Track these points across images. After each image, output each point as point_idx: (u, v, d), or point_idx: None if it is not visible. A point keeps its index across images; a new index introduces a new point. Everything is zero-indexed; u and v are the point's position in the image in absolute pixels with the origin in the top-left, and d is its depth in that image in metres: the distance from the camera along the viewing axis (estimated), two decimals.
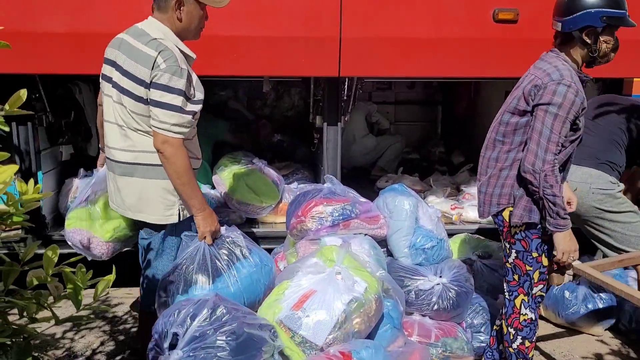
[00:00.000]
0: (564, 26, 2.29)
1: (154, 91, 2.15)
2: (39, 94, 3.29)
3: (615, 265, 2.54)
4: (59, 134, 3.52)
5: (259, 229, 3.57)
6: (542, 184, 2.19)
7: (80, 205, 2.73)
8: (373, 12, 3.05)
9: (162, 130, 2.15)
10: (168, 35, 2.23)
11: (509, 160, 2.36)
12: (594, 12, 2.24)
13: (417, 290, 2.78)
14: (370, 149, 5.12)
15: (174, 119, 2.15)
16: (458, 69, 3.23)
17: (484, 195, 2.45)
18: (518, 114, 2.31)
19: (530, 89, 2.26)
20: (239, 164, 3.61)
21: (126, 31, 2.32)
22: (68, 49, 2.94)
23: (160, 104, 2.14)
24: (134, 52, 2.19)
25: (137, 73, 2.17)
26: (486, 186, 2.43)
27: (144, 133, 2.25)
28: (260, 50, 3.05)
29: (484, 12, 3.09)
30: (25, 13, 2.87)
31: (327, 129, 3.42)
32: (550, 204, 2.20)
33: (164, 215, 2.33)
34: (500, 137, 2.38)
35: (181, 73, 2.15)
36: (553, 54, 2.35)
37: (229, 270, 2.34)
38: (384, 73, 3.35)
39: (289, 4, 3.00)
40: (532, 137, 2.24)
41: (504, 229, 2.42)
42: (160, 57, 2.14)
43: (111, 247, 2.74)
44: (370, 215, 2.96)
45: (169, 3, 2.23)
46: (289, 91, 4.99)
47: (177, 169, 2.19)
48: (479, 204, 2.50)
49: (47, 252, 1.39)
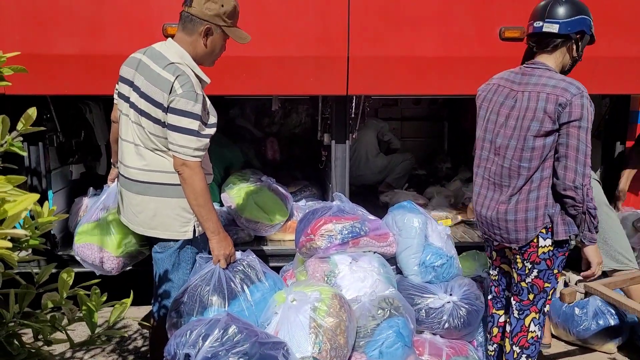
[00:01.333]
0: (561, 28, 2.27)
1: (171, 116, 2.19)
2: (50, 114, 3.34)
3: (627, 283, 2.52)
4: (70, 154, 3.56)
5: (267, 246, 3.58)
6: (585, 198, 2.18)
7: (91, 220, 2.76)
8: (380, 31, 3.08)
9: (179, 154, 2.20)
10: (185, 58, 2.28)
11: (537, 181, 2.29)
12: (586, 18, 2.30)
13: (427, 308, 2.77)
14: (381, 169, 5.11)
15: (191, 142, 2.19)
16: (465, 87, 3.24)
17: (514, 223, 2.34)
18: (543, 135, 2.23)
19: (555, 108, 2.18)
20: (248, 182, 3.62)
21: (143, 51, 2.36)
22: (80, 70, 2.98)
23: (177, 129, 2.19)
24: (153, 75, 2.24)
25: (154, 96, 2.22)
26: (514, 213, 2.33)
27: (160, 153, 2.30)
28: (270, 69, 3.09)
29: (490, 31, 3.12)
30: (39, 36, 2.92)
31: (335, 146, 3.44)
32: (592, 218, 2.20)
33: (179, 232, 2.36)
34: (526, 163, 2.28)
35: (197, 98, 2.19)
36: (543, 68, 2.30)
37: (243, 293, 2.35)
38: (392, 91, 3.36)
39: (297, 24, 3.04)
40: (567, 154, 2.19)
41: (530, 249, 2.35)
42: (177, 82, 2.18)
43: (121, 262, 2.76)
44: (380, 233, 2.96)
45: (197, 27, 2.27)
46: (297, 109, 5.02)
47: (194, 190, 2.22)
48: (508, 232, 2.38)
49: (62, 275, 1.40)
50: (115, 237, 2.71)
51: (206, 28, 2.27)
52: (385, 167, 5.11)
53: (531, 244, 2.34)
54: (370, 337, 2.44)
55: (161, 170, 2.30)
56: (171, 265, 2.40)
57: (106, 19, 2.93)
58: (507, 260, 2.58)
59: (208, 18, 2.26)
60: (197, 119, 2.19)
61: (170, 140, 2.22)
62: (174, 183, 2.30)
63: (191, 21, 2.28)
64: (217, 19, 2.27)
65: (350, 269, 2.76)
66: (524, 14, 3.08)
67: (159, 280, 2.46)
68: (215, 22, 2.27)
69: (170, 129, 2.21)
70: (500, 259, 2.60)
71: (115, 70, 2.46)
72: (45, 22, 2.91)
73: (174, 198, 2.32)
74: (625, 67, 3.22)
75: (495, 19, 3.10)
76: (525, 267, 2.38)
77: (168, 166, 2.29)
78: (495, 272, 2.65)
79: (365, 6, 3.04)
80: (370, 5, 3.05)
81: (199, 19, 2.26)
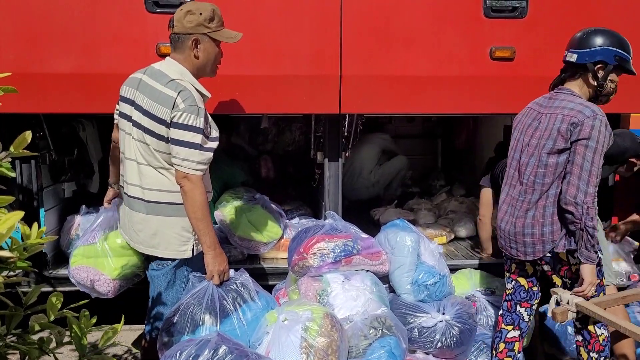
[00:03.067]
0: (579, 58, 2.42)
1: (174, 130, 2.23)
2: (43, 132, 3.33)
3: (619, 302, 2.51)
4: (62, 172, 3.55)
5: (260, 265, 3.56)
6: (584, 216, 2.26)
7: (88, 242, 2.76)
8: (372, 50, 3.10)
9: (182, 167, 2.23)
10: (185, 75, 2.32)
11: (552, 197, 2.42)
12: (609, 49, 2.41)
13: (420, 327, 2.76)
14: (374, 182, 5.08)
15: (194, 156, 2.22)
16: (457, 106, 3.27)
17: (531, 237, 2.47)
18: (557, 152, 2.38)
19: (567, 127, 2.33)
20: (241, 200, 3.62)
21: (143, 71, 2.40)
22: (74, 89, 2.98)
23: (181, 142, 2.22)
24: (154, 92, 2.27)
25: (157, 113, 2.25)
26: (531, 227, 2.46)
27: (163, 171, 2.32)
28: (263, 88, 3.10)
29: (481, 51, 3.15)
30: (33, 55, 2.93)
31: (328, 164, 3.44)
32: (589, 236, 2.26)
33: (178, 251, 2.38)
34: (540, 179, 2.43)
35: (199, 112, 2.23)
36: (567, 92, 2.46)
37: (236, 312, 2.35)
38: (384, 110, 3.39)
39: (291, 44, 3.06)
40: (572, 171, 2.31)
41: (563, 267, 2.46)
42: (180, 98, 2.22)
43: (117, 285, 2.77)
44: (372, 252, 2.96)
45: (185, 43, 2.33)
46: (291, 127, 5.04)
47: (193, 203, 2.24)
48: (524, 246, 2.51)
49: (51, 299, 1.39)
50: (112, 260, 2.72)
51: (193, 40, 2.32)
52: (378, 181, 5.06)
53: (562, 261, 2.45)
54: (362, 357, 2.44)
55: (162, 189, 2.33)
56: (166, 284, 2.40)
57: (100, 37, 2.95)
58: (525, 274, 2.66)
59: (191, 30, 2.31)
60: (200, 133, 2.23)
61: (174, 154, 2.24)
62: (174, 202, 2.32)
63: (179, 40, 2.34)
64: (200, 28, 2.32)
65: (343, 288, 2.76)
66: (514, 34, 3.16)
67: (153, 298, 2.45)
68: (200, 32, 2.32)
69: (173, 143, 2.23)
70: (519, 272, 2.67)
71: (110, 88, 2.48)
72: (39, 41, 2.93)
73: (174, 217, 2.34)
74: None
75: (485, 39, 3.14)
76: (565, 283, 2.48)
77: (169, 185, 2.31)
78: (510, 286, 2.70)
79: (357, 26, 3.07)
80: (362, 26, 3.08)
81: (184, 35, 2.32)
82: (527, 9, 3.11)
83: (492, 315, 3.10)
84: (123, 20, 2.95)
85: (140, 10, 2.93)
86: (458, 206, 4.58)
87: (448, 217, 4.38)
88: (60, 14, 2.92)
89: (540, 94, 3.11)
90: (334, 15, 3.04)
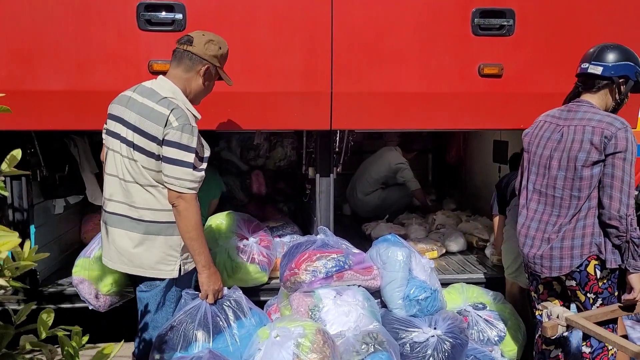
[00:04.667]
0: (605, 70, 2.44)
1: (167, 148, 2.22)
2: (34, 149, 3.33)
3: (608, 316, 2.53)
4: (53, 188, 3.54)
5: None
6: (628, 228, 2.29)
7: (86, 255, 2.88)
8: (363, 67, 3.14)
9: (176, 186, 2.21)
10: (177, 94, 2.33)
11: (584, 210, 2.42)
12: (632, 65, 2.45)
13: (412, 342, 2.76)
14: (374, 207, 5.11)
15: (187, 175, 2.21)
16: (446, 122, 3.31)
17: (559, 250, 2.47)
18: (590, 165, 2.38)
19: (601, 139, 2.34)
20: (227, 255, 3.23)
21: (133, 89, 2.39)
22: (66, 106, 2.99)
23: (173, 161, 2.21)
24: (145, 109, 2.27)
25: (148, 129, 2.24)
26: (561, 241, 2.46)
27: (150, 189, 2.29)
28: (254, 105, 3.13)
29: (470, 67, 3.20)
30: (25, 72, 2.94)
31: (319, 180, 3.46)
32: (636, 246, 2.29)
33: (165, 271, 2.35)
34: (577, 192, 2.43)
35: (192, 131, 2.23)
36: (587, 105, 2.48)
37: (229, 329, 2.35)
38: (375, 126, 3.42)
39: (282, 61, 3.09)
40: (613, 184, 2.32)
41: (590, 282, 2.46)
42: (173, 115, 2.22)
43: (108, 301, 2.84)
44: (364, 267, 2.97)
45: (196, 66, 2.35)
46: (282, 142, 5.07)
47: (188, 223, 2.24)
48: (551, 260, 2.50)
49: (42, 315, 1.38)
50: (106, 275, 2.77)
51: (206, 67, 2.37)
52: (379, 206, 5.07)
53: (589, 276, 2.44)
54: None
55: (149, 208, 2.30)
56: (155, 305, 2.38)
57: (92, 55, 2.96)
58: (555, 293, 2.66)
59: (208, 58, 2.36)
60: (193, 152, 2.23)
61: (166, 172, 2.22)
62: (161, 221, 2.30)
63: (190, 59, 2.35)
64: (215, 60, 2.38)
65: (335, 303, 2.76)
66: (502, 52, 3.21)
67: (142, 320, 2.43)
68: (213, 63, 2.38)
69: (166, 161, 2.22)
70: (548, 292, 2.67)
71: (102, 105, 2.48)
72: (31, 59, 2.94)
73: (160, 236, 2.31)
74: None
75: (474, 56, 3.19)
76: (589, 299, 2.49)
77: (156, 204, 2.29)
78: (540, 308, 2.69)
79: (348, 44, 3.11)
80: (353, 43, 3.12)
81: (199, 58, 2.35)
82: (514, 27, 3.17)
83: (484, 330, 3.11)
84: (115, 38, 2.97)
85: (132, 28, 2.95)
86: (446, 220, 4.63)
87: (439, 231, 4.41)
88: (52, 31, 2.93)
89: (528, 109, 3.19)
90: (325, 33, 3.08)
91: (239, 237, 3.32)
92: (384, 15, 3.12)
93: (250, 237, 3.35)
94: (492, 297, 3.29)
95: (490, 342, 3.06)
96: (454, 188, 5.88)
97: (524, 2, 3.18)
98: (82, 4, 2.93)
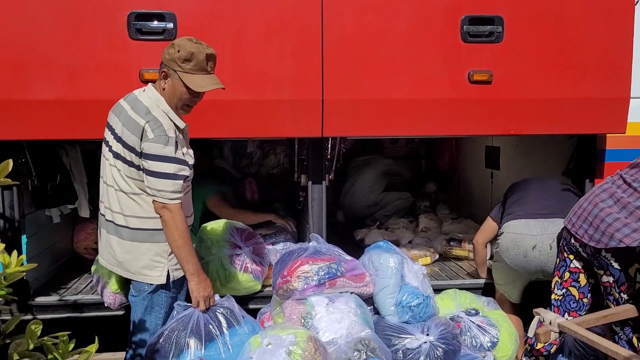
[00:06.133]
0: None
1: (145, 161, 2.24)
2: (25, 158, 3.32)
3: (600, 322, 2.54)
4: (45, 198, 3.53)
5: None
6: None
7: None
8: (354, 75, 3.16)
9: (158, 198, 2.24)
10: (160, 102, 2.34)
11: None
12: None
13: (404, 349, 2.76)
14: (372, 204, 5.21)
15: (167, 186, 2.23)
16: (437, 128, 3.33)
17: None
18: None
19: None
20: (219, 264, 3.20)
21: (125, 97, 2.44)
22: (57, 115, 2.99)
23: (153, 173, 2.23)
24: (128, 119, 2.30)
25: (127, 139, 2.27)
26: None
27: (134, 196, 2.32)
28: (246, 112, 3.14)
29: (460, 74, 3.22)
30: (15, 82, 2.94)
31: (312, 187, 3.47)
32: None
33: (152, 276, 2.38)
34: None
35: (168, 141, 2.24)
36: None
37: (221, 337, 2.35)
38: (366, 133, 3.43)
39: (273, 69, 3.11)
40: None
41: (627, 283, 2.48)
42: (148, 127, 2.24)
43: (118, 299, 2.95)
44: (356, 274, 2.97)
45: (160, 72, 2.38)
46: (275, 149, 5.07)
47: (174, 232, 2.26)
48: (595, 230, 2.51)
49: (30, 326, 1.39)
50: (112, 274, 2.81)
51: (162, 72, 2.36)
52: (376, 203, 5.20)
53: (630, 278, 2.47)
54: None
55: (134, 215, 2.33)
56: (144, 309, 2.40)
57: (83, 64, 2.97)
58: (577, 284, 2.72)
59: (166, 62, 2.35)
60: (172, 162, 2.24)
61: (147, 184, 2.25)
62: (145, 228, 2.33)
63: (160, 65, 2.38)
64: (172, 63, 2.32)
65: (327, 311, 2.76)
66: (491, 58, 3.24)
67: (132, 325, 2.44)
68: (171, 67, 2.33)
69: (146, 173, 2.25)
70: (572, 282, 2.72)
71: (93, 114, 2.50)
72: (22, 68, 2.94)
73: (145, 243, 2.34)
74: (590, 107, 3.34)
75: (463, 63, 3.21)
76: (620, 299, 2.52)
77: (139, 211, 2.32)
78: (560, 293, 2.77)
79: (338, 51, 3.13)
80: (343, 51, 3.14)
81: (162, 64, 2.37)
82: (503, 34, 3.20)
83: (477, 336, 3.11)
84: (106, 46, 2.97)
85: (123, 38, 2.96)
86: (429, 222, 4.67)
87: (426, 235, 4.44)
88: (43, 41, 2.93)
89: (518, 115, 3.23)
90: (316, 41, 3.10)
91: (231, 246, 3.29)
92: (374, 22, 3.15)
93: (243, 245, 3.33)
94: (485, 302, 3.29)
95: (483, 348, 3.05)
96: (447, 194, 5.90)
97: (513, 9, 3.21)
98: (73, 12, 2.94)
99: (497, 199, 3.72)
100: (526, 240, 3.13)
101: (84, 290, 3.46)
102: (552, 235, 3.06)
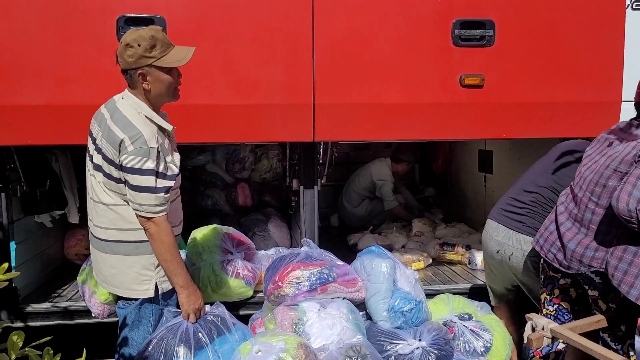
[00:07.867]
0: None
1: (126, 175, 2.16)
2: (14, 164, 3.29)
3: (593, 327, 2.53)
4: (34, 204, 3.50)
5: None
6: None
7: (89, 263, 2.93)
8: (344, 79, 3.15)
9: (142, 212, 2.17)
10: (142, 108, 2.25)
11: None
12: None
13: (396, 355, 2.73)
14: (360, 217, 5.17)
15: (150, 200, 2.16)
16: (428, 132, 3.32)
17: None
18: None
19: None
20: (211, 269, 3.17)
21: (105, 104, 2.35)
22: (45, 121, 2.96)
23: (134, 187, 2.16)
24: (107, 129, 2.21)
25: (106, 152, 2.19)
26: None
27: (115, 208, 2.25)
28: (237, 117, 3.12)
29: (451, 78, 3.22)
30: (3, 87, 2.91)
31: (303, 192, 3.45)
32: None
33: (139, 290, 2.32)
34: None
35: (149, 153, 2.15)
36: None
37: (211, 345, 2.32)
38: (357, 137, 3.42)
39: (264, 73, 3.10)
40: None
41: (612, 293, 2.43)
42: (128, 139, 2.14)
43: (106, 309, 2.95)
44: (348, 279, 2.94)
45: (134, 78, 2.23)
46: (267, 154, 5.06)
47: (160, 245, 2.21)
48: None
49: (12, 337, 1.36)
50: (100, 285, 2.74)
51: (139, 74, 2.20)
52: (364, 216, 5.15)
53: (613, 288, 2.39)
54: None
55: (116, 228, 2.26)
56: (131, 322, 2.35)
57: (72, 68, 2.94)
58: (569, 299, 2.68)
59: (134, 65, 2.19)
60: (153, 175, 2.16)
61: (130, 198, 2.19)
62: (130, 240, 2.26)
63: (127, 75, 2.24)
64: (142, 60, 2.18)
65: (319, 316, 2.73)
66: (483, 62, 3.24)
67: (119, 337, 2.40)
68: (144, 64, 2.19)
69: (128, 187, 2.18)
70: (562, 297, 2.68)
71: (82, 119, 2.46)
72: (10, 73, 2.91)
73: (131, 255, 2.27)
74: (582, 111, 3.35)
75: (455, 67, 3.21)
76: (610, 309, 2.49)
77: (122, 223, 2.25)
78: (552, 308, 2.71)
79: (329, 56, 3.12)
80: (334, 55, 3.13)
81: (130, 70, 2.21)
82: (494, 38, 3.20)
83: (470, 341, 3.09)
84: (96, 51, 2.95)
85: (112, 42, 2.93)
86: (422, 227, 4.67)
87: (419, 239, 4.43)
88: (31, 45, 2.91)
89: (509, 119, 3.22)
90: (306, 45, 3.09)
91: (223, 252, 3.26)
92: (365, 26, 3.14)
93: (235, 251, 3.31)
94: (478, 307, 3.26)
95: (477, 353, 3.03)
96: (440, 198, 5.90)
97: (504, 13, 3.21)
98: (61, 17, 2.92)
99: (491, 203, 3.71)
100: (492, 243, 3.13)
101: (75, 297, 3.42)
102: (512, 248, 3.01)
